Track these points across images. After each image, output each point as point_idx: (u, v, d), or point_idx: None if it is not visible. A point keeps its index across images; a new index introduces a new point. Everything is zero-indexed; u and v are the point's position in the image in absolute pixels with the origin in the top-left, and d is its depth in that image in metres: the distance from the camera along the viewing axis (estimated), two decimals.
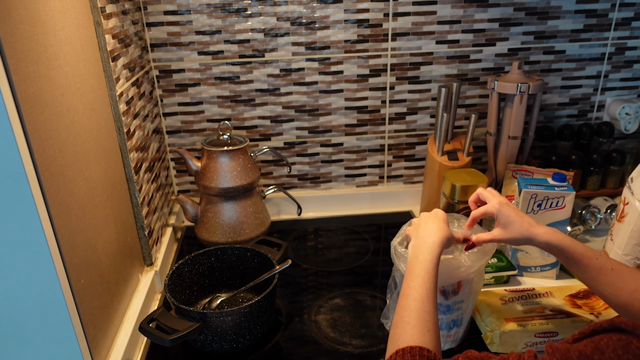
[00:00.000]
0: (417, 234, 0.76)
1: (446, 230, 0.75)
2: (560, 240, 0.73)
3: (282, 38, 1.21)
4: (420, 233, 0.75)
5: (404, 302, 0.66)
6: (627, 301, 0.68)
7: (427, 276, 0.68)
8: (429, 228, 0.75)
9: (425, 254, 0.71)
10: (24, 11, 0.60)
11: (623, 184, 1.23)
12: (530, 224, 0.75)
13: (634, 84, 1.35)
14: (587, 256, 0.72)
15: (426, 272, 0.68)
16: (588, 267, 0.72)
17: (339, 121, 1.31)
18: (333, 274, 1.11)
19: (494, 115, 1.18)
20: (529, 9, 1.23)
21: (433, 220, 0.77)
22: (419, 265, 0.70)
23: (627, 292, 0.69)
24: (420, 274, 0.68)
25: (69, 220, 0.68)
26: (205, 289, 1.00)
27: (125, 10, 1.01)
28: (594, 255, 0.72)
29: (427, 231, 0.75)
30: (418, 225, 0.78)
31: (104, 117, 0.85)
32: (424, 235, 0.74)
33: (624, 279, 0.70)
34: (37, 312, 0.64)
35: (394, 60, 1.25)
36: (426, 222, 0.77)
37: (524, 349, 0.84)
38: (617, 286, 0.70)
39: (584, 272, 0.73)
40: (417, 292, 0.66)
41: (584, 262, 0.72)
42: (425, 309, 0.64)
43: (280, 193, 1.29)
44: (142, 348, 0.89)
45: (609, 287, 0.70)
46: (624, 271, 0.71)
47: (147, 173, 1.06)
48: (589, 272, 0.72)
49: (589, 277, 0.73)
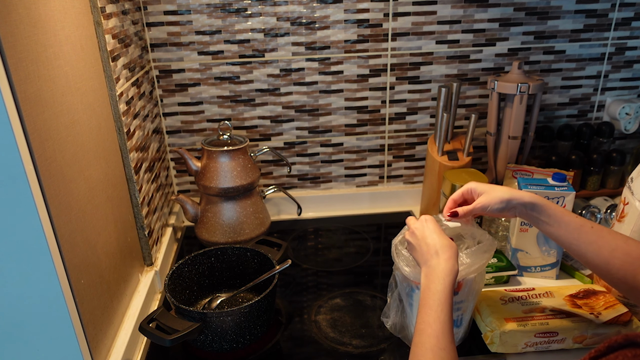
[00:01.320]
0: (425, 260, 0.72)
1: (451, 245, 0.72)
2: (541, 199, 0.75)
3: (282, 38, 1.21)
4: (430, 262, 0.72)
5: (419, 339, 0.64)
6: (608, 259, 0.69)
7: (440, 308, 0.66)
8: (435, 251, 0.72)
9: (438, 284, 0.68)
10: (24, 11, 0.60)
11: (623, 184, 1.23)
12: (509, 189, 0.77)
13: (634, 84, 1.35)
14: (568, 214, 0.74)
15: (439, 304, 0.66)
16: (569, 224, 0.73)
17: (339, 121, 1.31)
18: (333, 274, 1.11)
19: (494, 115, 1.18)
20: (529, 9, 1.23)
21: (433, 237, 0.73)
22: (432, 296, 0.67)
23: (608, 250, 0.70)
24: (434, 306, 0.66)
25: (69, 220, 0.68)
26: (205, 289, 1.00)
27: (125, 10, 1.01)
28: (574, 214, 0.74)
29: (434, 255, 0.71)
30: (420, 244, 0.74)
31: (104, 117, 0.85)
32: (432, 263, 0.71)
33: (604, 237, 0.71)
34: (37, 312, 0.64)
35: (394, 60, 1.25)
36: (427, 243, 0.73)
37: (524, 349, 0.84)
38: (598, 244, 0.70)
39: (566, 229, 0.73)
40: (432, 327, 0.64)
41: (565, 219, 0.73)
42: (441, 346, 0.62)
43: (280, 193, 1.29)
44: (142, 348, 0.89)
45: (590, 246, 0.71)
46: (604, 230, 0.72)
47: (147, 173, 1.06)
48: (570, 230, 0.73)
49: (571, 235, 0.73)
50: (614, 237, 0.71)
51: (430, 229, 0.75)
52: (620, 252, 0.69)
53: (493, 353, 0.84)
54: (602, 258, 0.70)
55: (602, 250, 0.70)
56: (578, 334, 0.83)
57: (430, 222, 0.76)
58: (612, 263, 0.69)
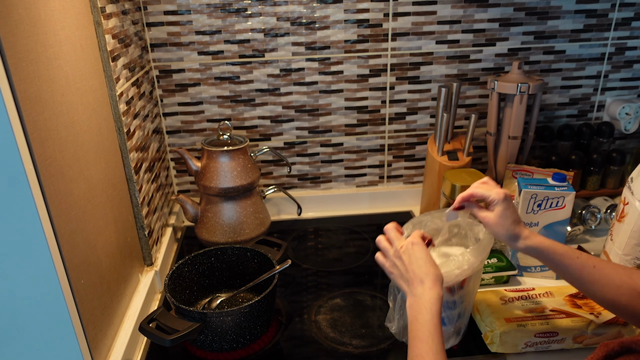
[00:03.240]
0: (410, 289, 0.70)
1: (436, 273, 0.70)
2: (540, 242, 0.74)
3: (282, 38, 1.21)
4: (415, 291, 0.69)
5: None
6: (614, 297, 0.69)
7: (431, 339, 0.65)
8: (420, 279, 0.69)
9: (425, 314, 0.67)
10: (24, 11, 0.60)
11: (623, 184, 1.23)
12: (520, 226, 0.75)
13: (634, 84, 1.35)
14: (568, 256, 0.73)
15: (429, 334, 0.65)
16: (570, 266, 0.72)
17: (339, 121, 1.31)
18: (333, 274, 1.11)
19: (494, 115, 1.18)
20: (529, 9, 1.23)
21: (419, 264, 0.70)
22: (421, 328, 0.66)
23: (613, 288, 0.69)
24: (424, 338, 0.65)
25: (69, 220, 0.68)
26: (205, 289, 1.00)
27: (125, 10, 1.01)
28: (575, 255, 0.73)
29: (419, 283, 0.69)
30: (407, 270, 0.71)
31: (104, 117, 0.85)
32: (417, 292, 0.69)
33: (608, 275, 0.70)
34: (37, 312, 0.64)
35: (394, 60, 1.25)
36: (413, 270, 0.70)
37: (524, 349, 0.84)
38: (602, 283, 0.70)
39: (567, 272, 0.73)
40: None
41: (565, 262, 0.73)
42: None
43: (280, 193, 1.29)
44: (142, 348, 0.89)
45: (593, 285, 0.71)
46: (607, 267, 0.71)
47: (147, 173, 1.06)
48: (571, 271, 0.73)
49: (573, 277, 0.73)
50: (617, 272, 0.70)
51: (416, 255, 0.71)
52: (625, 288, 0.68)
53: (493, 353, 0.84)
54: (609, 296, 0.70)
55: (608, 289, 0.70)
56: (578, 334, 0.83)
57: (417, 248, 0.72)
58: (619, 300, 0.69)
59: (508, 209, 0.75)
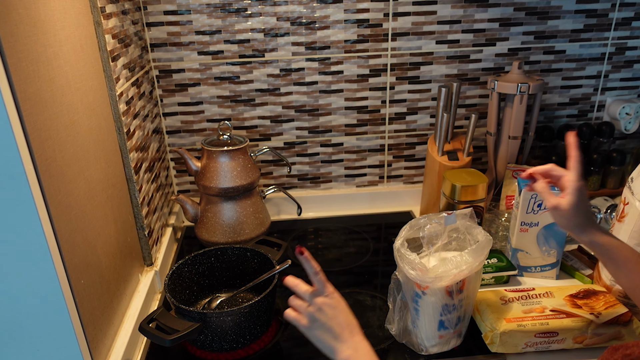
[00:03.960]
0: (341, 340, 0.68)
1: (357, 323, 0.69)
2: (608, 241, 0.72)
3: (282, 38, 1.21)
4: (348, 343, 0.67)
5: None
6: None
7: None
8: (350, 330, 0.68)
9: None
10: (23, 11, 0.60)
11: (623, 184, 1.23)
12: (593, 223, 0.73)
13: (634, 84, 1.35)
14: (634, 260, 0.71)
15: None
16: (633, 271, 0.71)
17: (339, 121, 1.31)
18: (333, 274, 1.11)
19: (494, 115, 1.18)
20: (529, 9, 1.23)
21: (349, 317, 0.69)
22: None
23: None
24: None
25: (69, 220, 0.68)
26: (205, 289, 1.00)
27: (125, 10, 1.01)
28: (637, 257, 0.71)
29: (349, 335, 0.68)
30: (333, 322, 0.68)
31: (104, 117, 0.85)
32: (351, 345, 0.67)
33: None
34: (37, 312, 0.64)
35: (394, 60, 1.25)
36: (339, 322, 0.68)
37: (524, 349, 0.84)
38: None
39: (628, 277, 0.71)
40: None
41: (629, 267, 0.71)
42: None
43: (280, 193, 1.29)
44: (142, 348, 0.89)
45: None
46: None
47: (147, 173, 1.06)
48: (632, 277, 0.71)
49: (634, 283, 0.71)
50: None
51: (340, 308, 0.69)
52: None
53: (493, 353, 0.84)
54: None
55: None
56: (578, 334, 0.83)
57: (337, 297, 0.70)
58: None
59: (583, 200, 0.73)
